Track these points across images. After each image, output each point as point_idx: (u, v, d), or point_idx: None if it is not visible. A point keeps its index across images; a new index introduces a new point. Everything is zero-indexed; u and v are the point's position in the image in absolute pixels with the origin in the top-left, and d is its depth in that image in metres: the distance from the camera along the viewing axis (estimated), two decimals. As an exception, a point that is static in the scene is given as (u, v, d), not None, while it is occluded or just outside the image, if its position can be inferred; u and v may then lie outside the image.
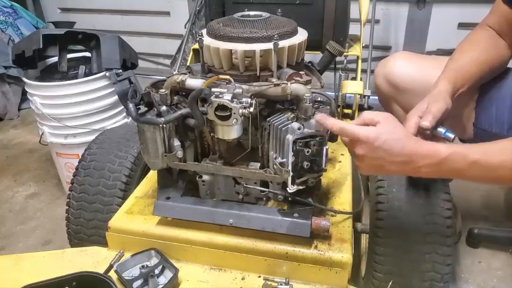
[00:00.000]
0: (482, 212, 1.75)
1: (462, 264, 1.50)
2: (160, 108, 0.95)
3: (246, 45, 0.92)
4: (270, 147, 0.95)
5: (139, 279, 0.95)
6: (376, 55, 2.38)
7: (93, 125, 1.74)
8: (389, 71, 1.27)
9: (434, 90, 1.00)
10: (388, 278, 1.01)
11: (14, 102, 2.81)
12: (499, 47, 1.11)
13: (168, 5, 3.07)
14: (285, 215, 0.97)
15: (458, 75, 1.04)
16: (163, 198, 1.05)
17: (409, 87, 1.23)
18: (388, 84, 1.28)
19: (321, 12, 1.49)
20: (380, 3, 2.45)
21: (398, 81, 1.25)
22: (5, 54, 2.56)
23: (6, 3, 2.87)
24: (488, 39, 1.11)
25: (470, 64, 1.06)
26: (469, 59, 1.07)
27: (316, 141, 0.87)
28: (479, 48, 1.09)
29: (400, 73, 1.25)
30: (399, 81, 1.25)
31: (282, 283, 0.95)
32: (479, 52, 1.08)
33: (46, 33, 1.75)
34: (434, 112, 0.91)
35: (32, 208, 1.91)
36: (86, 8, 3.34)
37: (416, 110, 0.95)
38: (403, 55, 1.29)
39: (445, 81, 1.01)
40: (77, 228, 1.20)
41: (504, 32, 1.11)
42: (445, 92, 0.98)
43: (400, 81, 1.24)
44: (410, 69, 1.24)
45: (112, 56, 1.73)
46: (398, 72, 1.25)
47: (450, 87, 1.00)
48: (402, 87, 1.24)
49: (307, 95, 0.88)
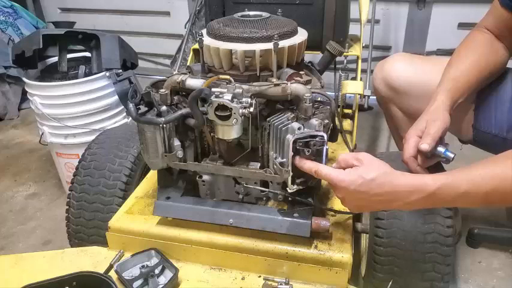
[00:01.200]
0: (482, 212, 1.75)
1: (462, 264, 1.50)
2: (160, 108, 0.95)
3: (246, 45, 0.92)
4: (270, 147, 0.95)
5: (140, 279, 0.95)
6: (376, 55, 2.38)
7: (93, 125, 1.74)
8: (387, 73, 1.26)
9: (432, 104, 0.98)
10: (388, 278, 1.01)
11: (14, 102, 2.81)
12: (497, 50, 1.10)
13: (168, 5, 3.07)
14: (285, 215, 0.97)
15: (458, 85, 1.02)
16: (163, 198, 1.05)
17: (407, 89, 1.22)
18: (386, 87, 1.28)
19: (321, 12, 1.49)
20: (380, 3, 2.45)
21: (396, 84, 1.24)
22: (5, 54, 2.56)
23: (6, 3, 2.87)
24: (487, 44, 1.09)
25: (468, 72, 1.04)
26: (468, 65, 1.05)
27: (316, 141, 0.87)
28: (478, 53, 1.07)
29: (398, 75, 1.24)
30: (397, 83, 1.24)
31: (282, 283, 0.95)
32: (478, 58, 1.06)
33: (46, 33, 1.74)
34: (433, 134, 0.91)
35: (32, 208, 1.91)
36: (86, 8, 3.34)
37: (414, 130, 0.95)
38: (401, 57, 1.29)
39: (443, 95, 0.99)
40: (77, 228, 1.20)
41: (502, 34, 1.09)
42: (443, 108, 0.97)
43: (398, 84, 1.24)
44: (408, 71, 1.23)
45: (112, 56, 1.73)
46: (396, 74, 1.24)
47: (448, 101, 0.98)
48: (400, 89, 1.24)
49: (307, 95, 0.88)
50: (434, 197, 0.77)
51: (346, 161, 0.84)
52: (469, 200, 0.78)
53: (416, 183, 0.78)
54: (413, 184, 0.78)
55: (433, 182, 0.77)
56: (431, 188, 0.77)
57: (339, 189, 0.84)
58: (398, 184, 0.79)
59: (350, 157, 0.84)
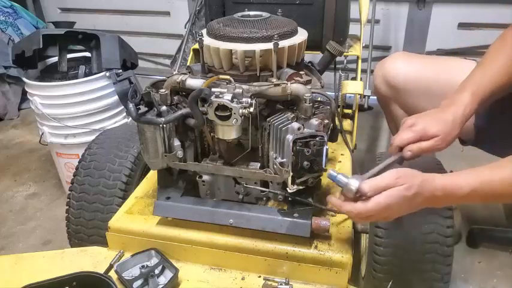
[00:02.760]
0: (482, 212, 1.75)
1: (462, 264, 1.50)
2: (160, 108, 0.95)
3: (246, 45, 0.92)
4: (270, 147, 0.95)
5: (140, 279, 0.95)
6: (376, 55, 2.38)
7: (93, 125, 1.74)
8: (387, 72, 1.26)
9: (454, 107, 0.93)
10: (388, 278, 1.01)
11: (14, 102, 2.81)
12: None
13: (168, 5, 3.07)
14: (285, 215, 0.97)
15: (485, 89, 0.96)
16: (163, 198, 1.05)
17: (408, 87, 1.22)
18: (387, 85, 1.28)
19: (321, 12, 1.49)
20: (380, 3, 2.45)
21: (396, 82, 1.24)
22: (5, 54, 2.56)
23: (6, 3, 2.87)
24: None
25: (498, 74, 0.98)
26: (499, 67, 0.98)
27: (316, 141, 0.87)
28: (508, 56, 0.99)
29: (397, 73, 1.24)
30: (397, 81, 1.24)
31: (282, 283, 0.95)
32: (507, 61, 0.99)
33: (46, 33, 1.75)
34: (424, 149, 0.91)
35: (32, 208, 1.91)
36: (86, 8, 3.34)
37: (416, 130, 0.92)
38: (401, 55, 1.29)
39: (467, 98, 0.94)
40: (77, 228, 1.20)
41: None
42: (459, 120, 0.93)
43: (398, 82, 1.24)
44: (407, 68, 1.23)
45: (112, 56, 1.73)
46: (396, 72, 1.24)
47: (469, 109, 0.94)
48: (400, 87, 1.24)
49: (307, 95, 0.88)
50: (469, 198, 0.81)
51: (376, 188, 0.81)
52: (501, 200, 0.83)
53: (449, 188, 0.80)
54: (447, 189, 0.80)
55: (467, 184, 0.79)
56: (464, 191, 0.79)
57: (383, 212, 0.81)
58: (435, 190, 0.80)
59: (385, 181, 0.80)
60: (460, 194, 0.80)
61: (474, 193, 0.79)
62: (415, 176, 0.80)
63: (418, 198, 0.79)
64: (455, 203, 0.82)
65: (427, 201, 0.81)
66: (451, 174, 0.82)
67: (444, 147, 0.93)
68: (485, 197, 0.81)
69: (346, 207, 0.82)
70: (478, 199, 0.83)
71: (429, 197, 0.80)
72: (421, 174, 0.80)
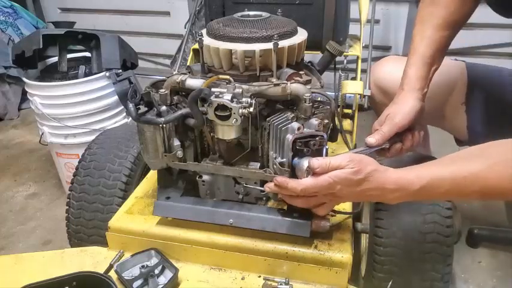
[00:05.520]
0: (482, 212, 1.75)
1: (462, 264, 1.50)
2: (160, 108, 0.95)
3: (246, 45, 0.92)
4: (270, 147, 0.95)
5: (139, 279, 0.95)
6: (376, 55, 2.38)
7: (93, 125, 1.74)
8: (377, 75, 1.27)
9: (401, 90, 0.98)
10: (388, 278, 1.01)
11: (14, 102, 2.81)
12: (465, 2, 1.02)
13: (168, 5, 3.07)
14: (285, 215, 0.97)
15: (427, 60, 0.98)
16: (163, 198, 1.05)
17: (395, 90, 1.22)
18: (378, 89, 1.28)
19: (321, 12, 1.49)
20: (380, 3, 2.45)
21: (385, 85, 1.24)
22: (5, 54, 2.56)
23: (6, 3, 2.87)
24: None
25: (435, 36, 0.99)
26: (434, 30, 0.99)
27: (316, 141, 0.87)
28: (443, 9, 1.00)
29: (385, 76, 1.24)
30: (386, 84, 1.24)
31: (282, 283, 0.95)
32: (444, 14, 1.00)
33: (46, 33, 1.75)
34: (386, 132, 0.92)
35: (32, 208, 1.91)
36: (86, 8, 3.34)
37: (378, 122, 0.96)
38: (390, 59, 1.29)
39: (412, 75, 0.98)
40: (77, 228, 1.20)
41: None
42: (411, 96, 0.96)
43: (387, 85, 1.23)
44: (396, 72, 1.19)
45: (112, 56, 1.73)
46: (384, 75, 1.24)
47: (419, 83, 0.97)
48: (390, 90, 1.22)
49: (307, 95, 0.88)
50: (419, 194, 0.79)
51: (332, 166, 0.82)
52: (452, 197, 0.82)
53: (401, 182, 0.79)
54: (398, 182, 0.79)
55: (418, 180, 0.77)
56: (415, 186, 0.78)
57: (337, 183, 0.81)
58: (385, 182, 0.79)
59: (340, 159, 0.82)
60: (411, 190, 0.78)
61: (425, 189, 0.77)
62: (367, 164, 0.79)
63: (365, 185, 0.79)
64: (410, 198, 0.80)
65: (378, 192, 0.80)
66: (406, 169, 0.81)
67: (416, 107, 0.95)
68: (438, 194, 0.78)
69: (292, 183, 0.83)
70: (432, 196, 0.81)
71: (379, 187, 0.79)
72: (376, 164, 0.80)
